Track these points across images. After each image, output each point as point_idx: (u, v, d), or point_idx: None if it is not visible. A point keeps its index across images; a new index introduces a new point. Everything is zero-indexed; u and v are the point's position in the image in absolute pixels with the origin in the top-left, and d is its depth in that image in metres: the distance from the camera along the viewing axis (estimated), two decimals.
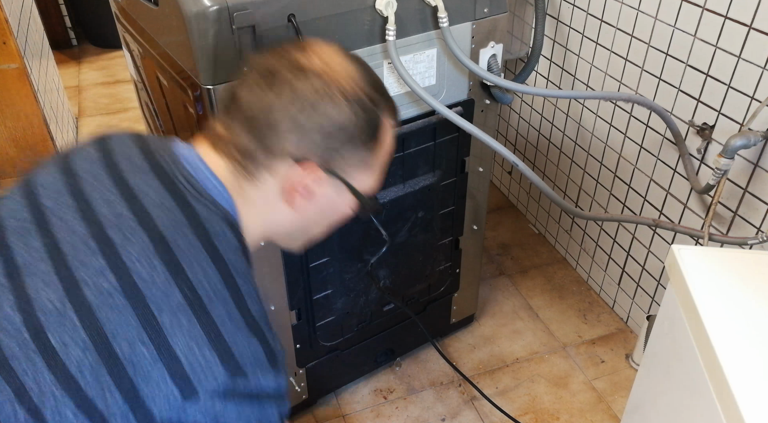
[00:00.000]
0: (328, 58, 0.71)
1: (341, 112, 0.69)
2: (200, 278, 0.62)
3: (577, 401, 1.68)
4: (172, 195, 0.67)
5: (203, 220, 0.66)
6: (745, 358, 0.79)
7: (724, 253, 0.97)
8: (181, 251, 0.62)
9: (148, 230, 0.63)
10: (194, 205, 0.67)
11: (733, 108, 1.32)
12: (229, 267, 0.64)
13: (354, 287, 1.48)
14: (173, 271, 0.61)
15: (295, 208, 0.73)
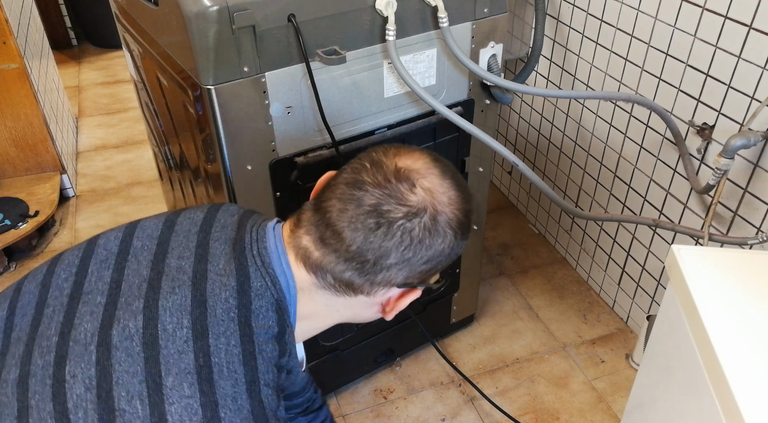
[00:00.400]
0: (433, 188, 0.69)
1: (448, 243, 0.69)
2: (220, 348, 0.61)
3: (577, 401, 1.68)
4: (236, 263, 0.68)
5: (252, 293, 0.66)
6: (745, 358, 0.79)
7: (724, 253, 0.97)
8: (214, 318, 0.63)
9: (195, 289, 0.64)
10: (252, 276, 0.67)
11: (733, 108, 1.32)
12: (255, 348, 0.64)
13: None
14: (197, 333, 0.61)
15: (386, 315, 0.75)
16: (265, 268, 0.68)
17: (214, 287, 0.65)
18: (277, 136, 1.16)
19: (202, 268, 0.67)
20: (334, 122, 1.21)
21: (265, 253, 0.69)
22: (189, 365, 0.60)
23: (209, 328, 0.62)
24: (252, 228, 0.73)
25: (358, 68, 1.19)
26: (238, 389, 0.61)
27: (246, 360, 0.63)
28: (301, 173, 1.22)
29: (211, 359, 0.60)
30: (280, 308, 0.68)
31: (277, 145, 1.18)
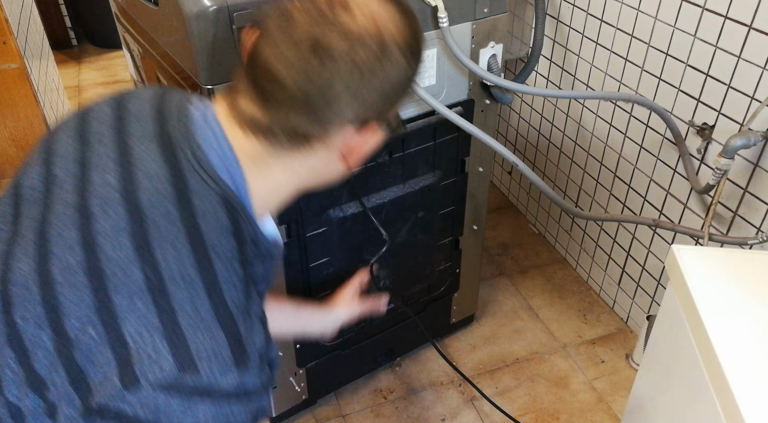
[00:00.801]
0: (374, 13, 0.63)
1: (400, 70, 0.64)
2: (169, 259, 0.57)
3: (577, 401, 1.68)
4: (169, 166, 0.62)
5: (193, 194, 0.61)
6: (745, 358, 0.79)
7: (724, 253, 0.97)
8: (156, 229, 0.58)
9: (127, 202, 0.59)
10: (189, 178, 0.62)
11: (733, 108, 1.32)
12: (209, 250, 0.59)
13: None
14: (140, 250, 0.57)
15: (348, 163, 0.70)
16: (200, 165, 0.63)
17: (151, 197, 0.60)
18: None
19: (128, 176, 0.61)
20: None
21: (197, 148, 0.64)
22: (138, 282, 0.56)
23: (152, 241, 0.57)
24: (176, 118, 0.67)
25: None
26: (196, 295, 0.57)
27: (200, 264, 0.58)
28: None
29: (161, 271, 0.56)
30: (228, 202, 0.63)
31: None
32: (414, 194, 1.41)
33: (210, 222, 0.60)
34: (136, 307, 0.55)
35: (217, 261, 0.59)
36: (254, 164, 0.66)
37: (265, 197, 0.69)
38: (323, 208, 1.31)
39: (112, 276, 0.56)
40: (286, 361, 1.50)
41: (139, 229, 0.58)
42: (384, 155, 1.32)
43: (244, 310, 0.60)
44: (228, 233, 0.61)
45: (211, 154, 0.64)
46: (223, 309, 0.58)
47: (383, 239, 1.42)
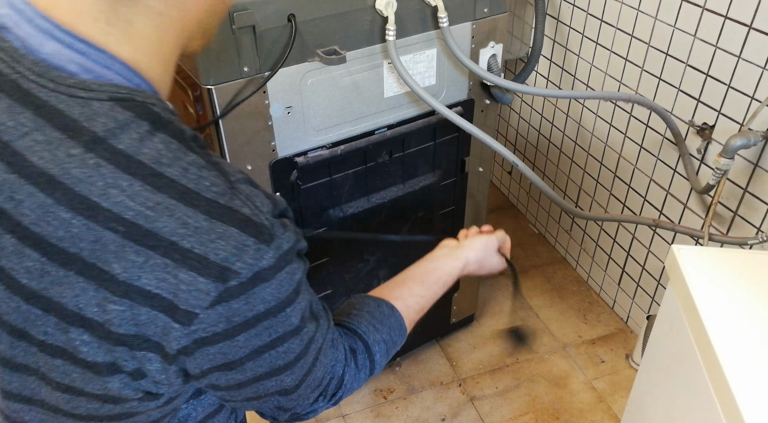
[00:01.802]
0: None
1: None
2: (121, 201, 0.49)
3: (577, 401, 1.68)
4: (28, 107, 0.50)
5: (84, 122, 0.49)
6: (745, 358, 0.79)
7: (724, 253, 0.97)
8: (80, 183, 0.49)
9: (28, 177, 0.49)
10: (62, 108, 0.49)
11: (733, 108, 1.32)
12: (149, 165, 0.50)
13: (354, 287, 1.47)
14: (86, 213, 0.49)
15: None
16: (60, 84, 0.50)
17: (43, 155, 0.49)
18: (277, 136, 1.16)
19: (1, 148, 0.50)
20: (334, 122, 1.21)
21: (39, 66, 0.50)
22: (115, 241, 0.49)
23: (88, 196, 0.49)
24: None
25: (358, 68, 1.19)
26: (180, 213, 0.50)
27: (154, 184, 0.50)
28: (301, 173, 1.22)
29: (125, 217, 0.49)
30: (123, 100, 0.51)
31: (277, 145, 1.18)
32: (414, 194, 1.41)
33: (125, 137, 0.50)
34: (135, 262, 0.49)
35: (167, 169, 0.50)
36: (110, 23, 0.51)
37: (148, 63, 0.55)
38: (323, 208, 1.31)
39: (87, 253, 0.49)
40: None
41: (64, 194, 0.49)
42: (384, 155, 1.32)
43: (230, 192, 0.53)
44: (151, 133, 0.51)
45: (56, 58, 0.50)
46: (213, 207, 0.51)
47: (383, 239, 1.43)
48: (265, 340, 0.56)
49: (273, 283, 0.54)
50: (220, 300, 0.51)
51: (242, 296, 0.52)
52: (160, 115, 0.52)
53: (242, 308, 0.52)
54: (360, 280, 1.47)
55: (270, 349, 0.57)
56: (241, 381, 0.59)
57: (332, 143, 1.23)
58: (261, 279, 0.53)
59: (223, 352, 0.54)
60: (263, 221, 0.53)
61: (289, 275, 0.55)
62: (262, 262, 0.52)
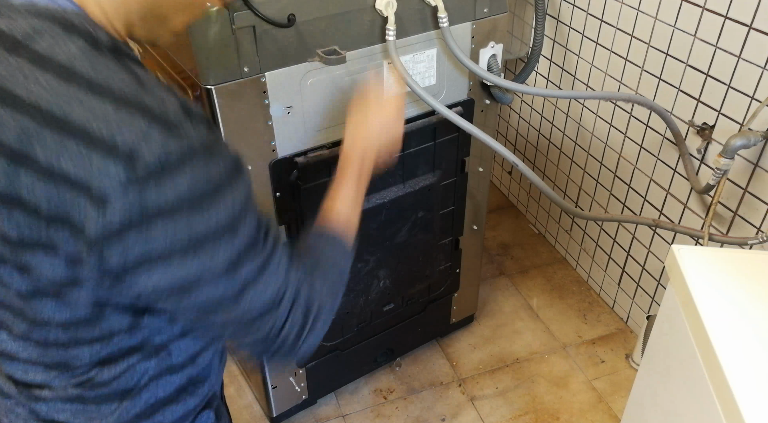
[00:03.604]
0: None
1: None
2: (38, 92, 0.54)
3: (577, 401, 1.69)
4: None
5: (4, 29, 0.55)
6: (745, 358, 0.79)
7: (724, 253, 0.97)
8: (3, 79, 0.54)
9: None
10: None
11: (733, 108, 1.32)
12: (63, 63, 0.55)
13: (354, 287, 1.48)
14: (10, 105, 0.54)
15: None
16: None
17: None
18: (277, 136, 1.16)
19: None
20: (334, 122, 1.21)
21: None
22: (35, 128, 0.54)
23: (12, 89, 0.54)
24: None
25: (358, 68, 1.19)
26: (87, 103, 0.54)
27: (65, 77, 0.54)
28: (301, 173, 1.22)
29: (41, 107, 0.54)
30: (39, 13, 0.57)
31: (277, 145, 1.18)
32: (414, 194, 1.41)
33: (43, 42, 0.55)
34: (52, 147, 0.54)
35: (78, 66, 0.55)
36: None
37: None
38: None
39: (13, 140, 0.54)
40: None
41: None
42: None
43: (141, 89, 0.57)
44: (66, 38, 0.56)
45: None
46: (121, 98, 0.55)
47: (383, 239, 1.42)
48: (185, 233, 0.58)
49: (186, 176, 0.56)
50: (130, 183, 0.54)
51: (152, 182, 0.55)
52: (74, 23, 0.57)
53: (153, 196, 0.55)
54: (360, 280, 1.47)
55: (195, 247, 0.59)
56: (172, 285, 0.60)
57: (332, 143, 1.23)
58: (169, 168, 0.55)
59: (141, 241, 0.56)
60: (171, 118, 0.56)
61: (205, 171, 0.57)
62: (170, 155, 0.55)
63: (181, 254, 0.58)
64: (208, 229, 0.59)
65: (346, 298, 1.48)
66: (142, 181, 0.54)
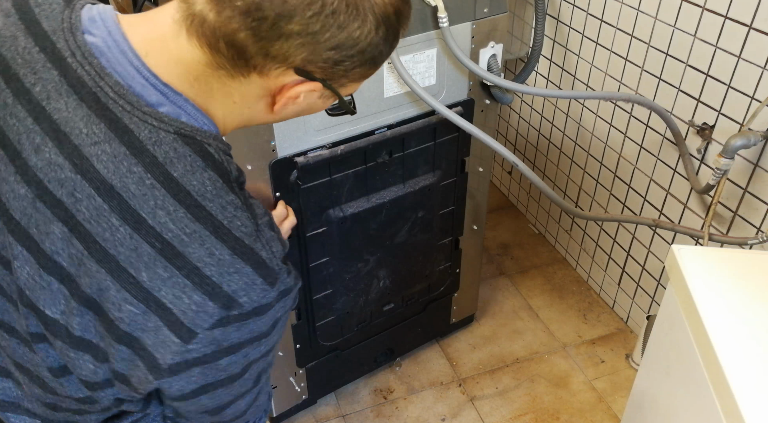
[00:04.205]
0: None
1: (364, 33, 0.57)
2: (164, 222, 0.56)
3: (577, 401, 1.68)
4: (104, 120, 0.56)
5: (148, 145, 0.56)
6: (745, 358, 0.79)
7: (724, 253, 0.97)
8: (134, 197, 0.56)
9: (90, 181, 0.56)
10: (132, 128, 0.56)
11: (733, 108, 1.32)
12: (195, 196, 0.57)
13: (354, 287, 1.48)
14: (134, 225, 0.56)
15: (275, 110, 0.64)
16: (135, 106, 0.57)
17: (108, 165, 0.55)
18: (277, 136, 1.16)
19: (71, 149, 0.55)
20: (334, 122, 1.21)
21: (122, 89, 0.56)
22: (150, 254, 0.56)
23: (139, 212, 0.56)
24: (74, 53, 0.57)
25: None
26: (209, 244, 0.57)
27: (195, 214, 0.57)
28: (301, 173, 1.22)
29: (164, 236, 0.56)
30: (185, 136, 0.58)
31: (277, 145, 1.17)
32: (414, 194, 1.41)
33: (180, 167, 0.57)
34: (161, 276, 0.57)
35: (208, 203, 0.58)
36: (197, 82, 0.59)
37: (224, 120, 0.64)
38: (323, 208, 1.31)
39: (123, 257, 0.56)
40: (286, 361, 1.50)
41: (120, 205, 0.56)
42: (384, 155, 1.32)
43: (256, 235, 0.60)
44: (203, 169, 0.58)
45: (140, 90, 0.57)
46: (238, 245, 0.59)
47: (383, 239, 1.42)
48: (241, 365, 0.64)
49: (264, 317, 0.62)
50: (219, 324, 0.58)
51: (237, 324, 0.59)
52: (213, 155, 0.60)
53: (233, 335, 0.60)
54: (360, 280, 1.47)
55: (241, 376, 0.65)
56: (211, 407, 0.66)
57: (332, 143, 1.23)
58: (257, 313, 0.60)
59: (206, 373, 0.61)
60: (274, 266, 0.61)
61: (276, 312, 0.63)
62: (263, 300, 0.60)
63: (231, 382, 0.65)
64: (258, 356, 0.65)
65: (346, 298, 1.48)
66: (230, 323, 0.59)
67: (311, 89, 0.61)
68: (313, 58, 0.57)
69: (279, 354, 1.47)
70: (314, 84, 0.60)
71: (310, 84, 0.60)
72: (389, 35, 0.60)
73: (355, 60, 0.59)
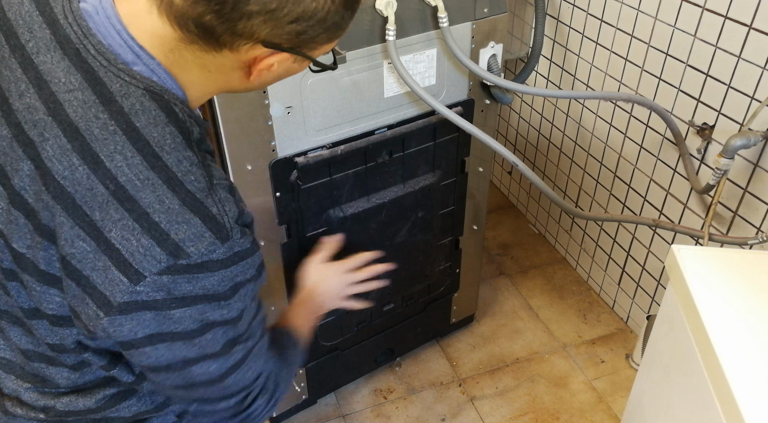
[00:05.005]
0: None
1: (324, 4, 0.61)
2: (121, 166, 0.60)
3: (577, 401, 1.69)
4: (81, 72, 0.62)
5: (117, 97, 0.61)
6: (745, 358, 0.79)
7: (724, 253, 0.97)
8: (96, 140, 0.60)
9: (60, 123, 0.61)
10: (106, 81, 0.61)
11: (733, 108, 1.32)
12: (153, 146, 0.61)
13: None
14: (92, 166, 0.60)
15: (252, 79, 0.68)
16: (111, 63, 0.62)
17: (77, 109, 0.61)
18: (277, 136, 1.16)
19: (49, 95, 0.62)
20: (334, 122, 1.21)
21: (101, 46, 0.62)
22: (104, 195, 0.60)
23: (99, 154, 0.60)
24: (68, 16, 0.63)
25: (358, 68, 1.19)
26: (161, 192, 0.61)
27: (151, 163, 0.61)
28: (301, 173, 1.22)
29: (119, 180, 0.60)
30: (153, 93, 0.63)
31: (277, 145, 1.18)
32: (414, 194, 1.41)
33: (144, 118, 0.62)
34: (111, 216, 0.60)
35: (165, 155, 0.62)
36: (171, 53, 0.64)
37: (198, 90, 0.69)
38: (323, 208, 1.31)
39: (79, 195, 0.60)
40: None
41: (81, 145, 0.60)
42: (384, 155, 1.32)
43: (208, 191, 0.63)
44: (165, 124, 0.63)
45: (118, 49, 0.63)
46: (189, 197, 0.62)
47: (383, 241, 1.42)
48: (197, 322, 0.64)
49: (217, 275, 0.63)
50: (168, 271, 0.61)
51: (186, 275, 0.62)
52: (177, 114, 0.64)
53: (183, 286, 0.62)
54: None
55: (202, 333, 0.65)
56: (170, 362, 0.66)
57: (332, 143, 1.23)
58: (207, 268, 0.62)
59: (158, 320, 0.62)
60: (225, 223, 0.63)
61: (233, 275, 0.65)
62: (212, 255, 0.62)
63: (188, 338, 0.65)
64: (218, 319, 0.66)
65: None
66: (179, 272, 0.61)
67: (282, 59, 0.65)
68: (276, 31, 0.61)
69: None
70: (283, 54, 0.64)
71: (280, 55, 0.64)
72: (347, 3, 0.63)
73: (317, 29, 0.63)
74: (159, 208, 0.60)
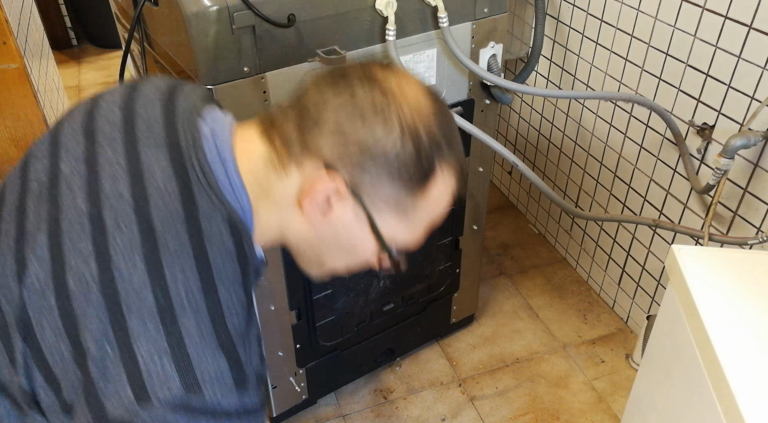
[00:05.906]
0: (404, 84, 0.66)
1: (389, 137, 0.62)
2: (178, 284, 0.59)
3: (577, 401, 1.68)
4: (178, 181, 0.63)
5: (201, 216, 0.62)
6: (745, 358, 0.79)
7: (724, 253, 0.97)
8: (167, 250, 0.60)
9: (140, 219, 0.60)
10: (198, 197, 0.63)
11: (733, 108, 1.32)
12: (214, 274, 0.61)
13: (354, 287, 1.47)
14: (152, 273, 0.59)
15: (306, 214, 0.67)
16: (209, 183, 0.64)
17: (162, 216, 0.61)
18: None
19: (140, 189, 0.62)
20: None
21: (206, 165, 0.64)
22: (150, 305, 0.58)
23: (163, 264, 0.59)
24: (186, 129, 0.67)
25: None
26: (201, 321, 0.59)
27: (206, 290, 0.60)
28: None
29: (171, 296, 0.58)
30: (234, 224, 0.64)
31: None
32: None
33: (216, 245, 0.62)
34: (148, 329, 0.57)
35: (221, 287, 0.61)
36: (261, 190, 0.67)
37: (264, 226, 0.69)
38: None
39: (126, 296, 0.58)
40: (286, 361, 1.50)
41: (151, 250, 0.59)
42: None
43: (244, 335, 0.62)
44: (232, 258, 0.63)
45: (219, 174, 0.65)
46: (225, 335, 0.60)
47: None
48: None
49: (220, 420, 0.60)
50: (176, 407, 0.58)
51: (190, 417, 0.59)
52: (245, 251, 0.65)
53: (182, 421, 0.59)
54: (360, 280, 1.47)
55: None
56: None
57: None
58: (213, 415, 0.60)
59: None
60: (247, 371, 0.62)
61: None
62: (223, 402, 0.60)
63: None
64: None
65: (346, 298, 1.48)
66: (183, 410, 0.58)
67: (338, 189, 0.64)
68: (338, 148, 0.63)
69: (279, 354, 1.47)
70: (340, 183, 0.64)
71: (337, 183, 0.64)
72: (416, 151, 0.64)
73: (378, 163, 0.63)
74: (194, 335, 0.59)
